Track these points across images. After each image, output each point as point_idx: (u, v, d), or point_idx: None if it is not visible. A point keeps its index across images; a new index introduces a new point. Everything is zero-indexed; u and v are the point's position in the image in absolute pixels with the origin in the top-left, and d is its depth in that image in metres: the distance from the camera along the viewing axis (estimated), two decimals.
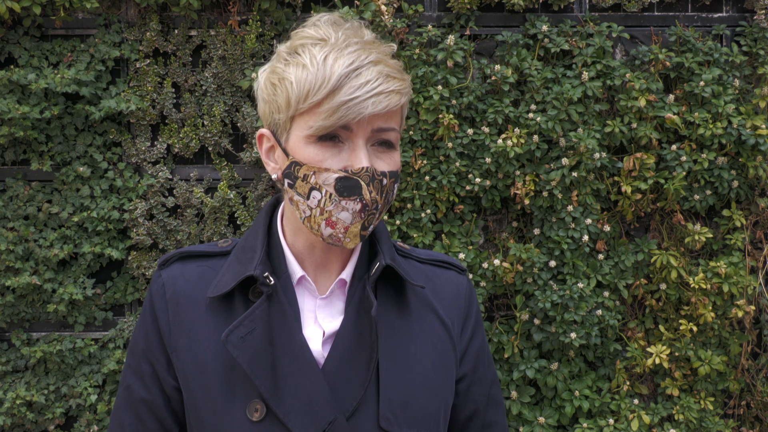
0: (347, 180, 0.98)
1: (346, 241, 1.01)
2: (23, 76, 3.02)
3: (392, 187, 1.02)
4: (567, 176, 3.07)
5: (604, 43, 3.16)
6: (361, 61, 0.97)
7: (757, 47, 3.22)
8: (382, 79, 0.97)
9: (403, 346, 1.07)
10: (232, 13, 3.14)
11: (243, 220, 3.15)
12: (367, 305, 1.04)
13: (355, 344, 1.03)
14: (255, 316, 1.01)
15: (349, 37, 1.00)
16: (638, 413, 3.14)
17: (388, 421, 1.01)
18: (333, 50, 0.98)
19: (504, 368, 3.18)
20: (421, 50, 3.13)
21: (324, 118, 0.96)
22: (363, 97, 0.95)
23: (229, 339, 0.99)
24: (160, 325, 1.06)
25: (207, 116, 3.16)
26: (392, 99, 0.97)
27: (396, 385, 1.04)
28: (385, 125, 0.99)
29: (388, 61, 1.00)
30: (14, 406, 3.07)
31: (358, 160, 0.98)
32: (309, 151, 0.99)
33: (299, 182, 1.00)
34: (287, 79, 1.00)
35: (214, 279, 1.07)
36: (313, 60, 0.98)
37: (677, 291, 3.19)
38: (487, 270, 3.10)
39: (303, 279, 1.07)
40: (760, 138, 3.11)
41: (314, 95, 0.97)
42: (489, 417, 1.18)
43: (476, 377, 1.16)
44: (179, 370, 1.04)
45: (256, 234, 1.10)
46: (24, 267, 3.09)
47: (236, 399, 1.00)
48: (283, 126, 1.03)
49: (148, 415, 1.06)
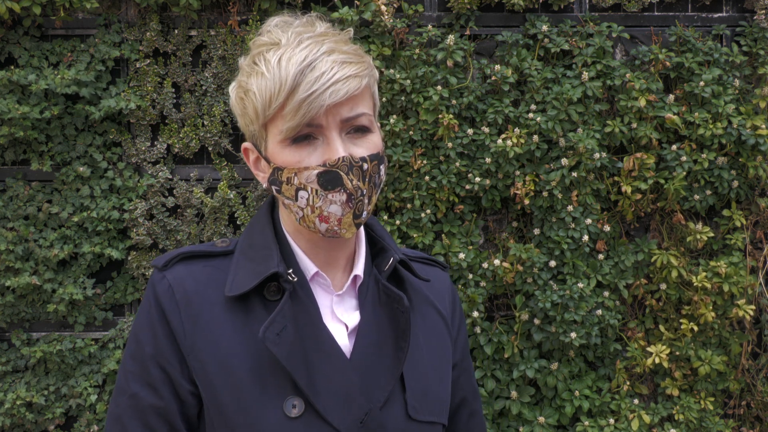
0: (327, 174, 0.99)
1: (343, 232, 1.02)
2: (23, 77, 3.02)
3: (376, 169, 1.03)
4: (567, 176, 3.07)
5: (604, 43, 3.16)
6: (313, 54, 0.97)
7: (757, 47, 3.22)
8: (337, 67, 0.97)
9: (414, 339, 1.10)
10: (232, 13, 3.14)
11: (243, 220, 3.15)
12: (384, 299, 1.07)
13: (378, 338, 1.06)
14: (284, 313, 1.01)
15: (300, 34, 1.01)
16: (638, 413, 3.14)
17: (415, 410, 1.05)
18: (286, 51, 0.99)
19: (504, 368, 3.17)
20: (421, 50, 3.13)
21: (289, 120, 0.97)
22: (320, 89, 0.96)
23: (266, 336, 0.98)
24: (172, 327, 1.03)
25: (207, 116, 3.16)
26: (351, 84, 0.98)
27: (416, 375, 1.08)
28: (352, 113, 1.00)
29: (342, 48, 1.00)
30: (14, 407, 3.07)
31: (334, 151, 0.98)
32: (286, 155, 1.00)
33: (285, 186, 1.02)
34: (251, 90, 1.01)
35: (225, 278, 1.06)
36: (269, 65, 0.99)
37: (677, 291, 3.19)
38: (487, 270, 3.10)
39: (317, 275, 1.08)
40: (760, 138, 3.11)
41: (276, 99, 0.98)
42: (474, 406, 1.24)
43: (464, 366, 1.22)
44: (198, 372, 1.02)
45: (263, 232, 1.09)
46: (24, 267, 3.09)
47: (269, 396, 1.00)
48: (259, 135, 1.04)
49: (159, 422, 1.02)
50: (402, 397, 1.05)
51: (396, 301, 1.05)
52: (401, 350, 1.04)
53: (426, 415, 1.06)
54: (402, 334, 1.05)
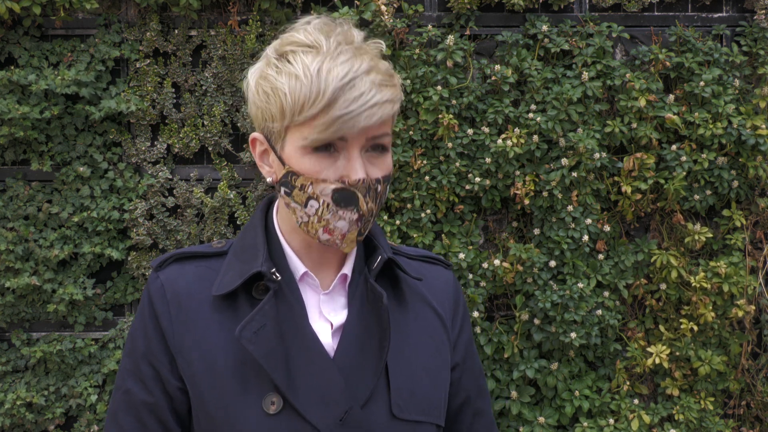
0: (344, 192, 0.99)
1: (343, 247, 1.04)
2: (23, 77, 3.02)
3: (385, 190, 1.04)
4: (567, 176, 3.07)
5: (604, 43, 3.16)
6: (354, 72, 0.97)
7: (757, 47, 3.22)
8: (375, 89, 0.97)
9: (404, 337, 1.10)
10: (232, 13, 3.14)
11: (243, 220, 3.15)
12: (371, 298, 1.07)
13: (364, 336, 1.06)
14: (265, 312, 1.02)
15: (340, 43, 1.00)
16: (638, 413, 3.14)
17: (399, 409, 1.05)
18: (326, 60, 0.98)
19: (504, 368, 3.18)
20: (421, 50, 3.13)
21: (319, 132, 0.97)
22: (357, 111, 0.96)
23: (242, 334, 1.00)
24: (161, 326, 1.06)
25: (207, 116, 3.16)
26: (385, 110, 0.99)
27: (403, 374, 1.07)
28: (379, 132, 1.01)
29: (379, 67, 1.01)
30: (14, 407, 3.07)
31: (354, 171, 0.99)
32: (305, 162, 1.00)
33: (296, 191, 1.02)
34: (280, 90, 1.00)
35: (215, 278, 1.08)
36: (306, 71, 0.98)
37: (677, 291, 3.19)
38: (487, 270, 3.10)
39: (305, 275, 1.09)
40: (760, 138, 3.11)
41: (309, 109, 0.97)
42: (479, 405, 1.23)
43: (467, 366, 1.21)
44: (185, 370, 1.04)
45: (255, 232, 1.11)
46: (24, 267, 3.09)
47: (250, 393, 1.01)
48: (277, 134, 1.03)
49: (150, 418, 1.06)
50: (386, 395, 1.05)
51: (379, 299, 1.06)
52: (383, 348, 1.04)
53: (413, 414, 1.06)
54: (383, 333, 1.05)
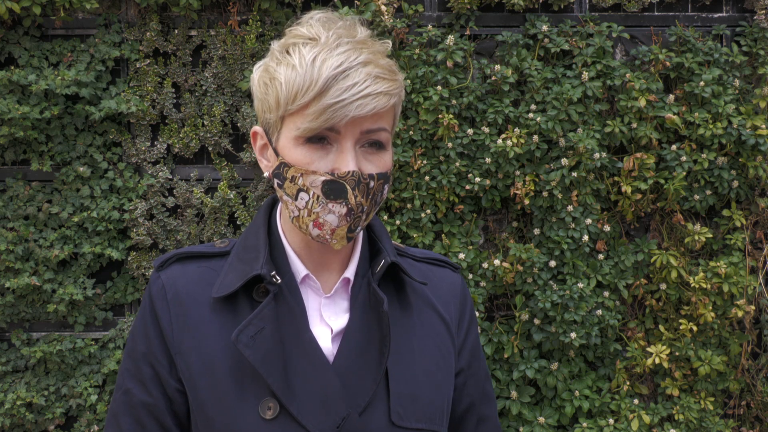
0: (333, 183, 0.98)
1: (333, 243, 1.02)
2: (23, 77, 3.02)
3: (380, 188, 1.02)
4: (567, 176, 3.07)
5: (604, 43, 3.16)
6: (350, 62, 0.96)
7: (757, 47, 3.22)
8: (370, 81, 0.96)
9: (407, 342, 1.08)
10: (232, 13, 3.14)
11: (243, 220, 3.15)
12: (373, 302, 1.05)
13: (364, 341, 1.04)
14: (264, 315, 1.01)
15: (340, 36, 0.99)
16: (638, 413, 3.14)
17: (399, 416, 1.03)
18: (322, 51, 0.97)
19: (504, 368, 3.18)
20: (421, 50, 3.13)
21: (310, 120, 0.96)
22: (349, 99, 0.95)
23: (239, 338, 0.99)
24: (162, 327, 1.05)
25: (207, 116, 3.16)
26: (379, 101, 0.97)
27: (404, 380, 1.05)
28: (373, 126, 0.99)
29: (378, 62, 0.99)
30: (14, 407, 3.07)
31: (345, 163, 0.97)
32: (297, 153, 0.99)
33: (287, 183, 1.01)
34: (277, 79, 1.00)
35: (217, 279, 1.07)
36: (302, 60, 0.97)
37: (677, 291, 3.19)
38: (487, 270, 3.10)
39: (307, 278, 1.07)
40: (760, 138, 3.11)
41: (302, 97, 0.96)
42: (483, 411, 1.20)
43: (471, 372, 1.18)
44: (183, 371, 1.03)
45: (257, 233, 1.09)
46: (24, 267, 3.09)
47: (247, 397, 1.00)
48: (274, 125, 1.03)
49: (149, 418, 1.05)
50: (386, 402, 1.03)
51: (380, 304, 1.04)
52: (384, 354, 1.03)
53: (413, 422, 1.04)
54: (384, 338, 1.03)
